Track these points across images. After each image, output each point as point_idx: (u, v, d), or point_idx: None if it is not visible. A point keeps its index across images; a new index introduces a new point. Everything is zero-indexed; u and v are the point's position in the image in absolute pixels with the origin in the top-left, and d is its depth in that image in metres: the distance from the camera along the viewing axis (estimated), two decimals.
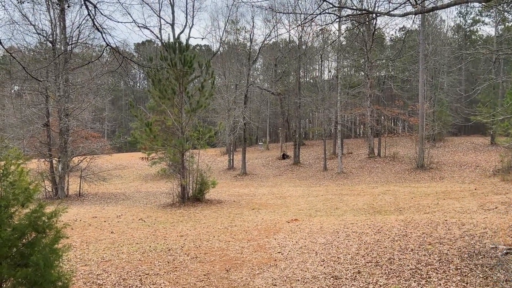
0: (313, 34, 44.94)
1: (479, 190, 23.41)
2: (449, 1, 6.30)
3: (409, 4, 7.53)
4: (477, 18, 46.68)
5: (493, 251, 9.66)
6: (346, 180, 33.06)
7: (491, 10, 39.35)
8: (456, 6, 48.96)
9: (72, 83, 28.83)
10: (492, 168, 30.94)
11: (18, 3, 19.88)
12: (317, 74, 55.41)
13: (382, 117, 46.09)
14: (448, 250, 9.94)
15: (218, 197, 23.15)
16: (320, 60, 52.09)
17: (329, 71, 55.59)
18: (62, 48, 28.38)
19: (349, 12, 8.07)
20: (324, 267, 9.23)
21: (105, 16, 7.05)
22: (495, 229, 12.09)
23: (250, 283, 8.62)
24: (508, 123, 13.62)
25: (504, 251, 9.57)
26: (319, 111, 46.96)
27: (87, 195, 27.36)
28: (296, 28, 40.68)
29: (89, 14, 6.04)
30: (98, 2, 24.05)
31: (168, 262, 10.27)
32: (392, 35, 50.57)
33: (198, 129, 22.33)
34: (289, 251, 11.02)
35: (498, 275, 8.05)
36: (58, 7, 27.54)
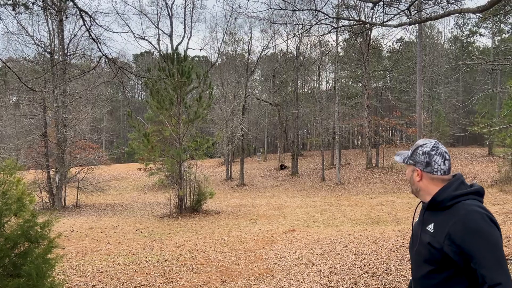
0: (310, 45, 45.17)
1: None
2: (443, 12, 6.32)
3: (404, 15, 7.55)
4: (474, 29, 46.88)
5: None
6: (344, 191, 33.03)
7: (487, 22, 39.52)
8: (453, 18, 49.24)
9: (70, 94, 28.81)
10: (489, 179, 30.96)
11: (16, 14, 19.97)
12: (315, 85, 55.57)
13: (380, 128, 46.12)
14: None
15: (215, 207, 23.09)
16: (318, 71, 52.21)
17: (327, 82, 55.78)
18: (60, 59, 28.38)
19: (345, 22, 8.10)
20: (321, 277, 9.17)
21: (101, 26, 7.07)
22: None
23: None
24: (505, 134, 13.62)
25: None
26: (317, 121, 46.97)
27: (84, 206, 27.26)
28: (293, 39, 40.86)
29: (84, 25, 6.03)
30: (94, 12, 24.16)
31: (164, 273, 10.21)
32: (390, 46, 50.77)
33: (196, 139, 22.32)
34: (286, 261, 10.96)
35: None
36: (56, 18, 27.58)
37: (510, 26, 37.74)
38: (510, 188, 26.79)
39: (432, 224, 2.43)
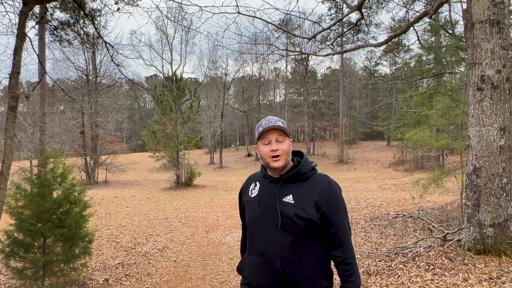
0: (268, 70, 45.37)
1: (379, 176, 23.97)
2: (353, 46, 6.61)
3: (329, 48, 7.75)
4: (378, 61, 47.70)
5: (386, 216, 9.93)
6: None
7: (387, 56, 40.35)
8: (364, 52, 50.07)
9: (100, 103, 28.64)
10: (388, 162, 31.72)
11: (62, 47, 19.75)
12: (272, 98, 55.67)
13: (315, 128, 46.60)
14: (357, 216, 10.17)
15: (202, 183, 23.02)
16: (273, 88, 52.44)
17: (280, 96, 55.90)
18: (93, 79, 28.17)
19: (290, 53, 8.26)
20: None
21: (121, 54, 7.00)
22: (388, 202, 12.42)
23: (222, 240, 8.65)
24: (398, 131, 14.04)
25: (393, 216, 9.85)
26: None
27: (111, 182, 26.82)
28: (256, 66, 40.97)
29: (108, 52, 5.97)
30: (116, 44, 23.73)
31: (166, 227, 10.21)
32: (322, 72, 51.24)
33: (188, 135, 22.21)
34: None
35: (389, 231, 8.29)
36: (90, 50, 27.22)
37: (401, 59, 38.69)
38: (401, 168, 27.54)
39: (291, 195, 1.80)
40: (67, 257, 5.11)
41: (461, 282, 4.18)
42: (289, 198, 1.80)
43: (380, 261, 5.59)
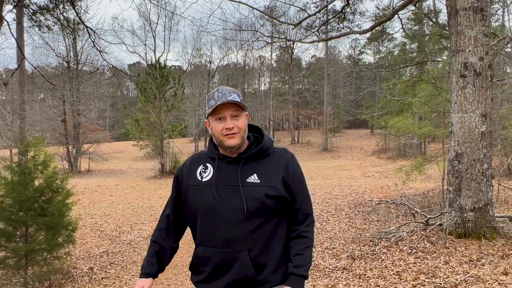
0: (253, 58, 45.11)
1: (362, 164, 24.27)
2: (337, 34, 6.62)
3: (315, 35, 7.72)
4: (363, 50, 47.85)
5: (370, 202, 10.08)
6: None
7: (371, 45, 40.55)
8: (348, 41, 50.19)
9: (82, 91, 28.13)
10: (371, 150, 32.11)
11: (41, 33, 19.19)
12: (256, 86, 55.50)
13: (300, 116, 46.72)
14: (341, 202, 10.28)
15: None
16: (258, 76, 52.23)
17: (265, 84, 55.75)
18: (74, 66, 27.59)
19: (276, 40, 8.21)
20: None
21: (103, 39, 6.84)
22: (372, 189, 12.60)
23: None
24: (382, 119, 14.19)
25: (377, 202, 10.00)
26: (257, 111, 47.13)
27: (94, 171, 26.50)
28: (241, 53, 40.71)
29: (90, 38, 5.83)
30: (97, 29, 23.26)
31: (151, 215, 10.15)
32: (307, 60, 51.19)
33: (173, 124, 22.03)
34: None
35: (372, 217, 8.43)
36: (71, 37, 26.63)
37: (385, 48, 38.92)
38: (384, 156, 27.94)
39: (255, 174, 1.61)
40: (50, 246, 5.04)
41: (443, 264, 4.28)
42: (253, 178, 1.60)
43: (364, 246, 5.68)
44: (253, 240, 1.58)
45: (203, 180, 1.66)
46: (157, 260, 1.75)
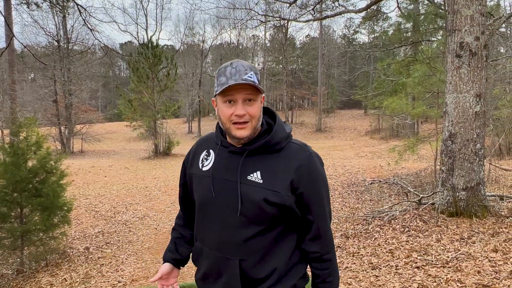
0: (247, 38, 44.60)
1: (355, 144, 24.39)
2: (332, 13, 6.53)
3: (310, 14, 7.62)
4: (357, 30, 47.42)
5: (363, 182, 10.17)
6: None
7: (365, 24, 40.18)
8: (343, 20, 49.68)
9: (73, 71, 27.66)
10: (364, 130, 32.22)
11: (29, 10, 18.66)
12: None
13: (294, 96, 46.56)
14: (334, 182, 10.36)
15: (181, 152, 22.88)
16: (252, 56, 51.78)
17: (258, 64, 55.33)
18: (65, 46, 27.03)
19: (270, 18, 8.09)
20: None
21: (94, 17, 6.69)
22: (365, 169, 12.69)
23: None
24: (375, 100, 14.17)
25: (370, 182, 10.11)
26: None
27: (87, 152, 26.36)
28: (234, 33, 40.19)
29: (80, 15, 5.69)
30: (88, 7, 22.77)
31: (145, 196, 10.18)
32: (301, 39, 50.76)
33: (166, 104, 21.84)
34: None
35: (365, 196, 8.52)
36: (60, 15, 26.03)
37: (379, 28, 38.61)
38: (377, 136, 28.08)
39: (258, 172, 1.32)
40: (45, 226, 5.05)
41: (434, 242, 4.36)
42: (255, 176, 1.32)
43: (357, 224, 5.76)
44: (247, 249, 1.34)
45: (203, 169, 1.44)
46: (176, 247, 1.63)
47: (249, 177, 1.32)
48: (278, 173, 1.31)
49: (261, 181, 1.30)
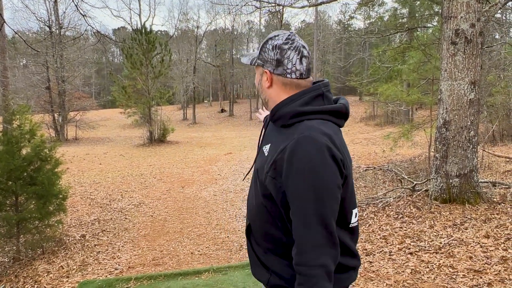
0: (242, 23, 44.15)
1: (350, 131, 24.44)
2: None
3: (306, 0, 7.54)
4: (353, 15, 47.09)
5: (357, 169, 10.25)
6: None
7: (361, 9, 39.89)
8: (338, 6, 49.24)
9: (66, 58, 27.25)
10: (359, 117, 32.27)
11: None
12: (245, 52, 54.66)
13: None
14: None
15: (176, 139, 22.84)
16: (247, 42, 51.35)
17: (253, 50, 54.93)
18: (57, 31, 26.59)
19: (265, 4, 8.01)
20: (248, 182, 9.46)
21: (86, 3, 6.59)
22: (360, 155, 12.77)
23: (198, 194, 8.74)
24: (370, 86, 14.15)
25: (364, 169, 10.18)
26: (246, 78, 46.68)
27: (81, 139, 26.21)
28: (229, 18, 39.77)
29: (72, 0, 5.60)
30: None
31: (141, 183, 10.18)
32: (297, 26, 50.31)
33: (160, 91, 21.72)
34: (225, 173, 11.19)
35: (360, 183, 8.59)
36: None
37: (375, 13, 38.35)
38: (372, 123, 28.16)
39: (269, 145, 1.27)
40: (41, 214, 5.05)
41: (428, 229, 4.42)
42: (266, 148, 1.28)
43: None
44: (252, 217, 1.35)
45: None
46: None
47: (263, 148, 1.31)
48: (276, 149, 1.21)
49: (266, 154, 1.26)
